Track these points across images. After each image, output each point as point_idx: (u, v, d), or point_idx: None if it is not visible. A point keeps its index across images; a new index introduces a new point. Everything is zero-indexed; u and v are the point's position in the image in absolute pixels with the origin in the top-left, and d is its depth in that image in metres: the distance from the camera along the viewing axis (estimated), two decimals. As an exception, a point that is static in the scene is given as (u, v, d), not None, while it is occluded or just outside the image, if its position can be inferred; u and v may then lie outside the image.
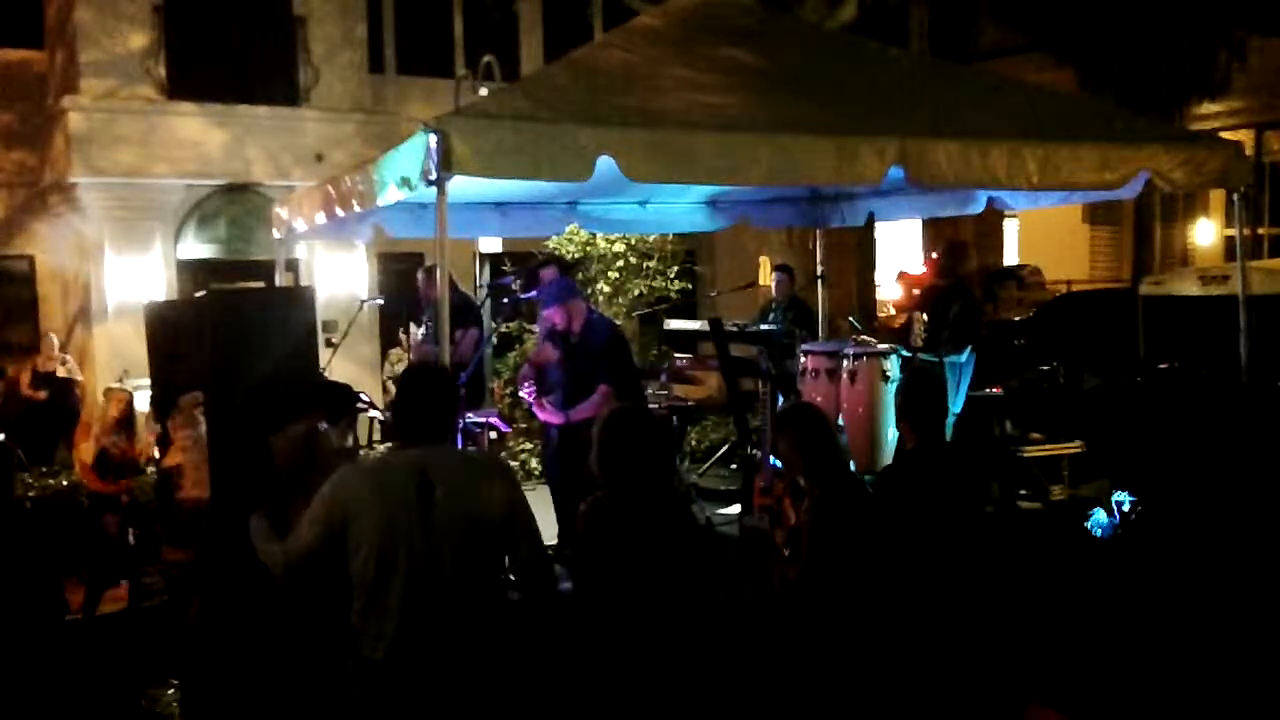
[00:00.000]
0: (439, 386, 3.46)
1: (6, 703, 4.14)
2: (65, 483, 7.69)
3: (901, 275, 8.07)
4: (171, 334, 6.58)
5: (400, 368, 11.50)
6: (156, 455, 7.15)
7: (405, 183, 4.90)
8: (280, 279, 8.30)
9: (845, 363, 7.07)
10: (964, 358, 7.27)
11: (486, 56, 8.18)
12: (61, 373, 10.99)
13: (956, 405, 7.15)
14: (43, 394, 10.70)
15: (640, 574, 3.32)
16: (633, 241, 11.00)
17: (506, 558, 3.37)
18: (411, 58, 14.73)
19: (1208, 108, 13.52)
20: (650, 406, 6.78)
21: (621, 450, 3.39)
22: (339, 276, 12.84)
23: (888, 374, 6.92)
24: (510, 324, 10.56)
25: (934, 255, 7.85)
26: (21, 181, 12.94)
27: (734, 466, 8.57)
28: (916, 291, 8.06)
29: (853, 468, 6.97)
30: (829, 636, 3.87)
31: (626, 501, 3.36)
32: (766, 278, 10.09)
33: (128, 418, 7.52)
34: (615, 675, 3.30)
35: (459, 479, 3.26)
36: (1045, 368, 8.59)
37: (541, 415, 6.42)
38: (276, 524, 3.46)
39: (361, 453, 6.67)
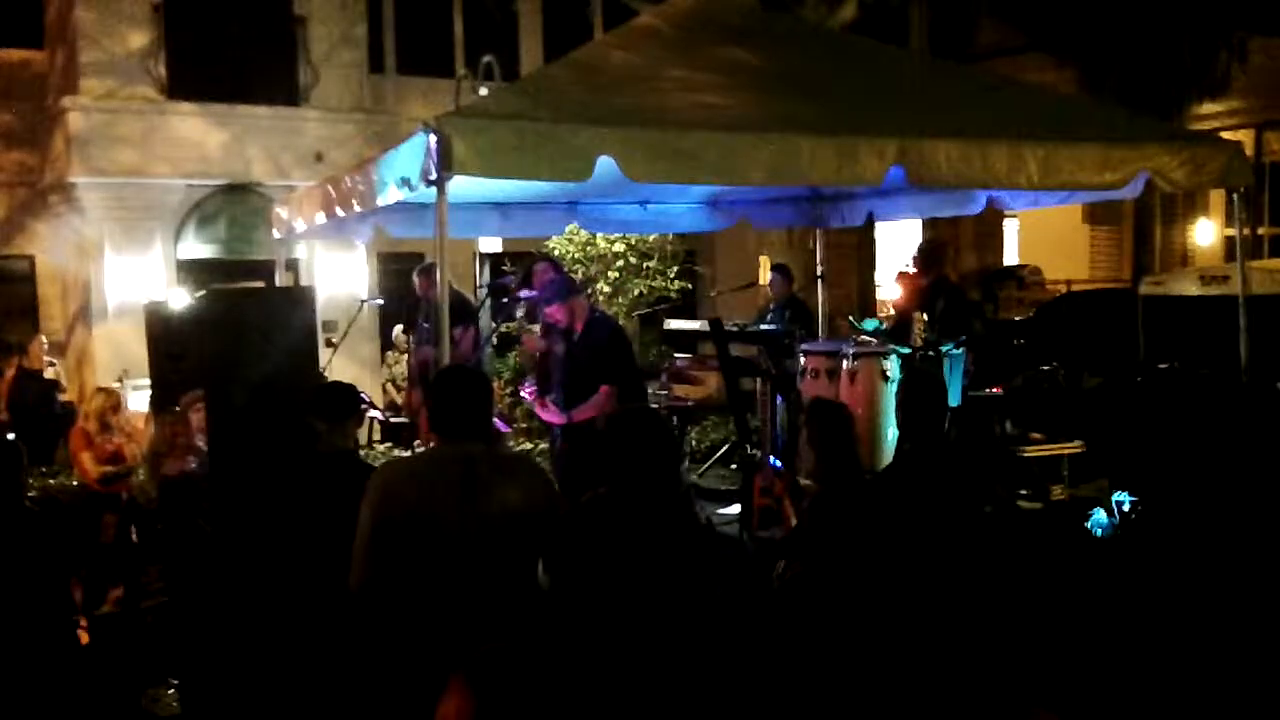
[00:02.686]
0: (477, 384, 3.49)
1: (9, 703, 4.15)
2: (75, 482, 7.69)
3: (901, 276, 8.06)
4: (171, 334, 6.59)
5: (399, 369, 11.50)
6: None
7: (405, 183, 4.90)
8: (280, 279, 8.31)
9: (845, 363, 7.07)
10: (956, 350, 7.28)
11: (486, 56, 8.17)
12: (49, 374, 10.94)
13: (953, 399, 7.14)
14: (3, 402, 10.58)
15: (631, 575, 3.30)
16: (633, 241, 11.01)
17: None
18: (411, 58, 14.73)
19: (1208, 108, 13.52)
20: (650, 406, 6.77)
21: (628, 451, 3.39)
22: (339, 276, 12.84)
23: (888, 374, 6.91)
24: (510, 324, 10.56)
25: (914, 257, 7.87)
26: (21, 181, 12.94)
27: (734, 466, 8.57)
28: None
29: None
30: (830, 636, 3.87)
31: (629, 501, 3.35)
32: (766, 278, 10.10)
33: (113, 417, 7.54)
34: (603, 676, 3.28)
35: (502, 476, 3.29)
36: (1045, 368, 8.59)
37: (544, 415, 6.41)
38: None
39: (361, 453, 6.68)
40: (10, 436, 8.57)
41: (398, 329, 8.72)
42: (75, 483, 7.68)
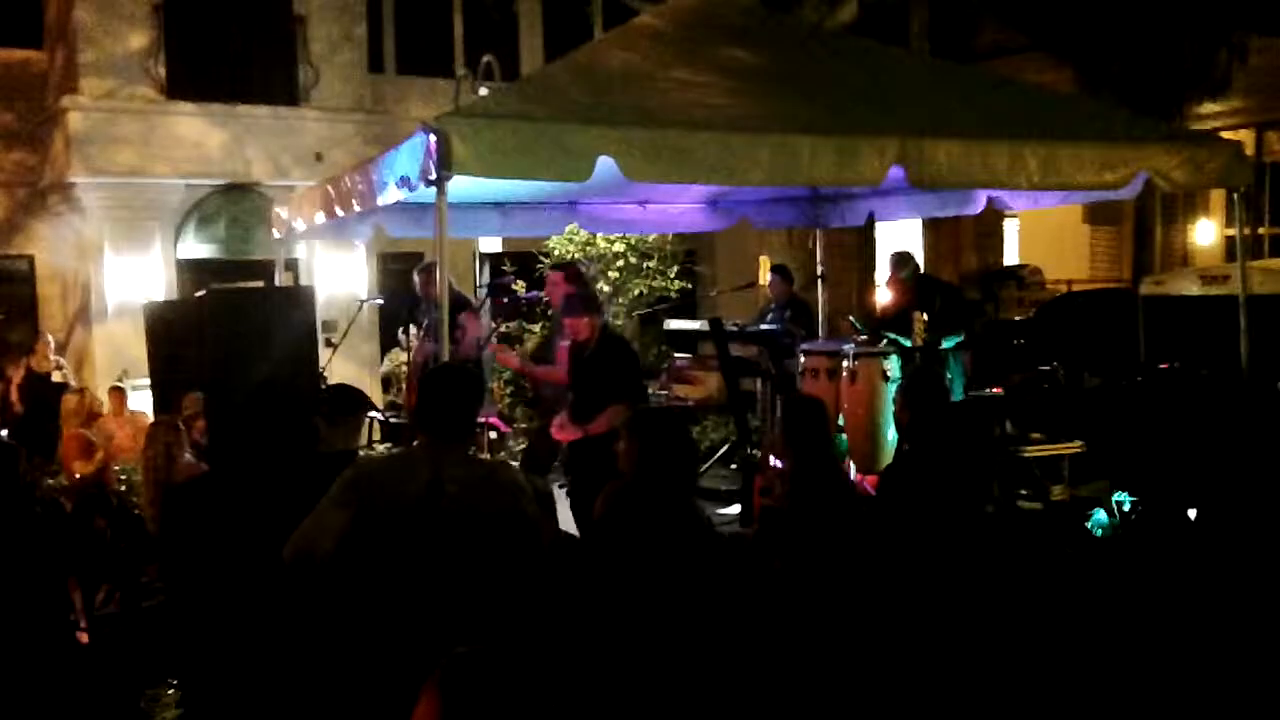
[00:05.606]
0: (466, 385, 3.44)
1: (10, 703, 4.15)
2: (69, 483, 7.70)
3: (890, 280, 8.06)
4: (171, 334, 6.60)
5: (400, 370, 11.49)
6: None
7: (405, 183, 4.90)
8: (280, 279, 8.31)
9: (845, 363, 7.07)
10: (952, 344, 7.29)
11: (486, 56, 8.16)
12: (57, 377, 10.92)
13: (956, 393, 7.14)
14: (16, 405, 10.55)
15: (657, 564, 3.32)
16: (633, 241, 11.00)
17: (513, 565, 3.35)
18: (411, 58, 14.72)
19: (1208, 108, 13.51)
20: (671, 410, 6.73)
21: (658, 449, 3.40)
22: (339, 276, 12.84)
23: (888, 374, 6.92)
24: (510, 324, 10.56)
25: (890, 281, 7.82)
26: (21, 181, 12.93)
27: (734, 466, 8.57)
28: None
29: (853, 468, 7.00)
30: (810, 631, 3.85)
31: (653, 493, 3.36)
32: (766, 278, 10.09)
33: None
34: (622, 663, 3.29)
35: (472, 482, 3.26)
36: (1045, 368, 8.59)
37: (560, 436, 6.31)
38: None
39: (361, 453, 6.67)
40: (4, 433, 8.57)
41: (414, 330, 8.76)
42: (71, 482, 7.70)
